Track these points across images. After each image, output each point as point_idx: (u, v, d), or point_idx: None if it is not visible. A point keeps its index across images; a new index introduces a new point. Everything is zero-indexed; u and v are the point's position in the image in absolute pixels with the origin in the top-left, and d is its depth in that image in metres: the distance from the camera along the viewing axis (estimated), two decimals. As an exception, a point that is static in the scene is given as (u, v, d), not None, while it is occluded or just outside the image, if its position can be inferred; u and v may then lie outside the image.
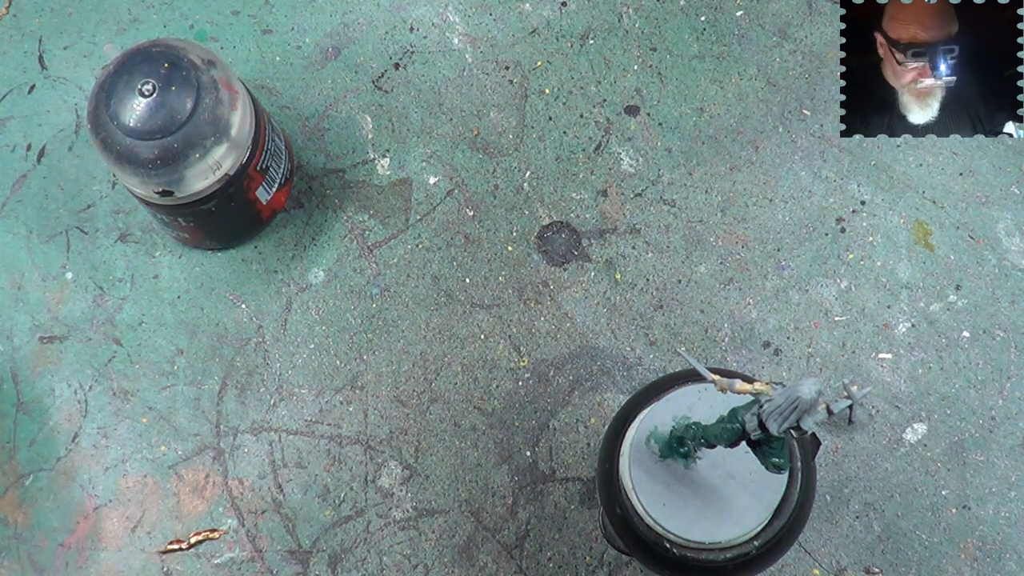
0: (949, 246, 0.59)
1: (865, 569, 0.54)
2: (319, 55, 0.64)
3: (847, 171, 0.61)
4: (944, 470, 0.55)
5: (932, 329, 0.58)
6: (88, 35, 0.65)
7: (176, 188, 0.53)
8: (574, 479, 0.56)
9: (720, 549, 0.28)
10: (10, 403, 0.59)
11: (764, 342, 0.58)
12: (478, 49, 0.64)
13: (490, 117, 0.63)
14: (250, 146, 0.55)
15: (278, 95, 0.64)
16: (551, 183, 0.61)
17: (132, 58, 0.53)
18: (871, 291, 0.59)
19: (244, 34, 0.65)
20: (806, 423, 0.25)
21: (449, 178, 0.62)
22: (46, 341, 0.60)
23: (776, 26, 0.64)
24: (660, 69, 0.63)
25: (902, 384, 0.57)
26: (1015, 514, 0.54)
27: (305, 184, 0.62)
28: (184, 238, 0.60)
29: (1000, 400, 0.56)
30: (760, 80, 0.63)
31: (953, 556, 0.54)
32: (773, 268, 0.59)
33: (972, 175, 0.60)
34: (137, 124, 0.51)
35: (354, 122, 0.63)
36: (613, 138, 0.62)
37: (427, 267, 0.60)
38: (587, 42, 0.64)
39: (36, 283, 0.61)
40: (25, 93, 0.64)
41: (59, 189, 0.63)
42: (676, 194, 0.61)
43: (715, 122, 0.62)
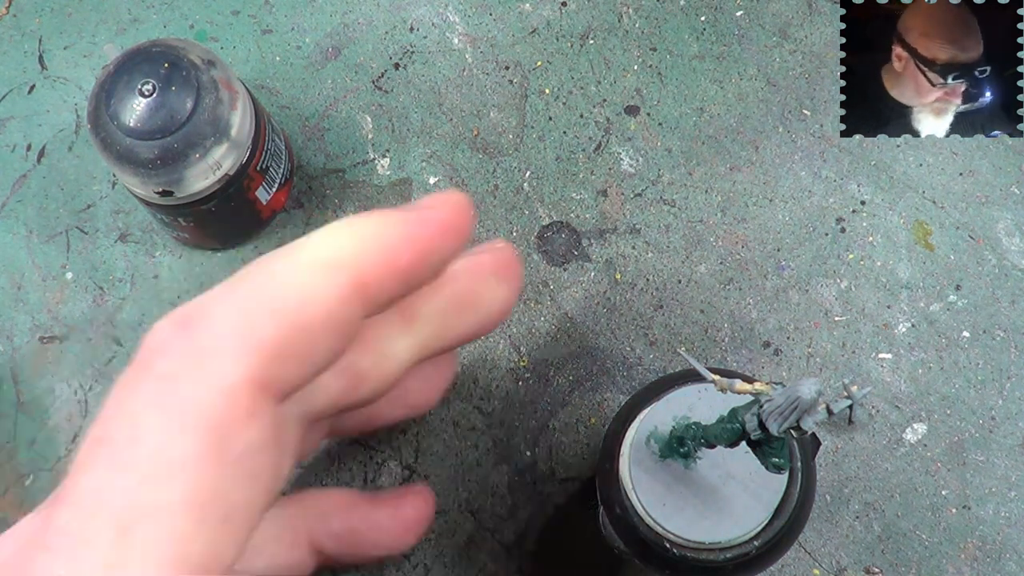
0: (949, 246, 0.59)
1: (865, 569, 0.54)
2: (319, 55, 0.64)
3: (847, 171, 0.61)
4: (944, 470, 0.55)
5: (932, 329, 0.58)
6: (88, 35, 0.65)
7: (176, 188, 0.53)
8: (574, 479, 0.56)
9: (720, 549, 0.28)
10: (10, 403, 0.59)
11: (764, 342, 0.58)
12: (478, 49, 0.64)
13: (490, 117, 0.63)
14: (250, 146, 0.55)
15: (278, 95, 0.64)
16: (551, 183, 0.61)
17: (132, 58, 0.53)
18: (871, 291, 0.59)
19: (244, 34, 0.65)
20: (806, 423, 0.25)
21: (449, 178, 0.62)
22: (46, 341, 0.60)
23: (776, 26, 0.64)
24: (660, 69, 0.63)
25: (902, 384, 0.57)
26: (1015, 514, 0.54)
27: (305, 184, 0.62)
28: (184, 238, 0.60)
29: (1000, 400, 0.56)
30: (760, 80, 0.63)
31: (953, 556, 0.54)
32: (773, 268, 0.59)
33: (972, 175, 0.60)
34: (137, 124, 0.51)
35: (354, 122, 0.63)
36: (613, 138, 0.62)
37: (427, 267, 0.60)
38: (587, 42, 0.64)
39: (36, 283, 0.61)
40: (25, 93, 0.64)
41: (59, 189, 0.62)
42: (676, 194, 0.61)
43: (715, 122, 0.62)
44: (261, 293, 0.24)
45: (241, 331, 0.24)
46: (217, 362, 0.23)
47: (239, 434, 0.23)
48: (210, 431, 0.22)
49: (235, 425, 0.23)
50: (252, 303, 0.24)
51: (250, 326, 0.24)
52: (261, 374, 0.23)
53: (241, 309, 0.24)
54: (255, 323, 0.24)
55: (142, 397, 0.24)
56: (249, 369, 0.23)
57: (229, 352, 0.23)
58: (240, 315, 0.24)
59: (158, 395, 0.23)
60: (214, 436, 0.22)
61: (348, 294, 0.24)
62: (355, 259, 0.24)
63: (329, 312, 0.24)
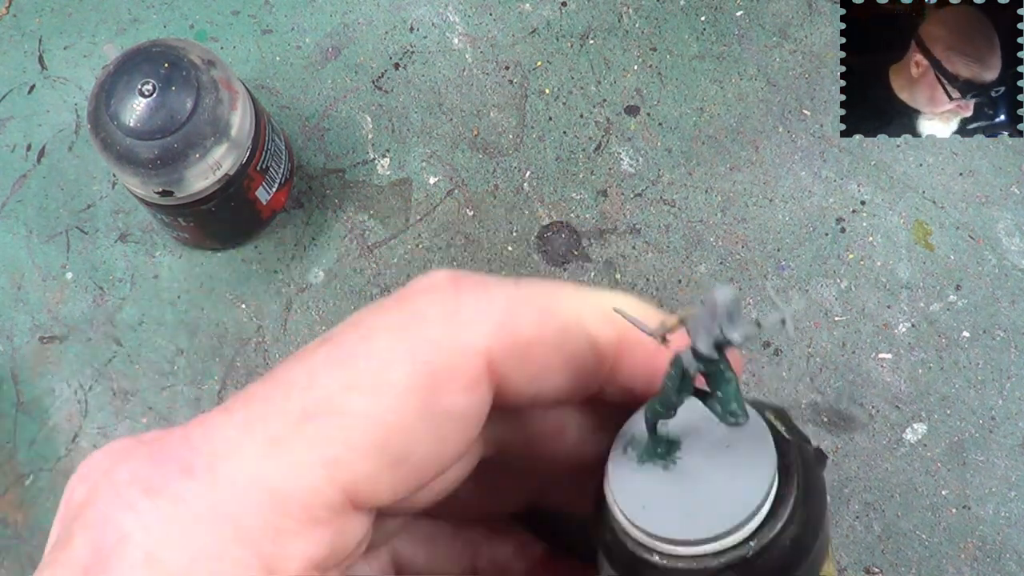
0: (949, 246, 0.59)
1: (865, 569, 0.54)
2: (319, 55, 0.64)
3: (847, 171, 0.61)
4: (944, 470, 0.55)
5: (932, 329, 0.58)
6: (88, 35, 0.65)
7: (176, 188, 0.53)
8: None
9: (714, 555, 0.27)
10: (10, 403, 0.59)
11: (764, 342, 0.58)
12: (478, 49, 0.64)
13: (490, 117, 0.63)
14: (250, 146, 0.55)
15: (278, 95, 0.64)
16: (551, 183, 0.61)
17: (132, 58, 0.53)
18: (871, 291, 0.58)
19: (244, 34, 0.65)
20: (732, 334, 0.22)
21: (449, 178, 0.62)
22: (46, 341, 0.60)
23: (776, 26, 0.64)
24: (660, 69, 0.63)
25: (902, 384, 0.57)
26: (1015, 514, 0.54)
27: (305, 184, 0.62)
28: (184, 238, 0.60)
29: (1000, 400, 0.56)
30: (760, 80, 0.63)
31: (953, 556, 0.54)
32: (773, 268, 0.59)
33: (972, 175, 0.60)
34: (137, 124, 0.51)
35: (354, 122, 0.63)
36: (613, 138, 0.62)
37: (427, 267, 0.60)
38: (587, 42, 0.64)
39: (36, 283, 0.61)
40: (25, 93, 0.64)
41: (59, 189, 0.62)
42: (676, 194, 0.61)
43: (715, 122, 0.62)
44: (540, 297, 0.24)
45: (504, 315, 0.24)
46: (469, 327, 0.23)
47: (451, 395, 0.23)
48: (430, 376, 0.22)
49: (452, 385, 0.23)
50: (526, 298, 0.24)
51: (514, 315, 0.24)
52: (496, 358, 0.23)
53: (512, 297, 0.24)
54: (520, 315, 0.24)
55: (387, 319, 0.24)
56: (490, 350, 0.23)
57: (484, 325, 0.23)
58: (510, 302, 0.24)
59: (403, 324, 0.23)
60: (431, 382, 0.22)
61: (606, 348, 0.25)
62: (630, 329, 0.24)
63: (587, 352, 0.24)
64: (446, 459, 0.24)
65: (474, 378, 0.23)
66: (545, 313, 0.24)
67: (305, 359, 0.23)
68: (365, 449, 0.22)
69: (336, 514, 0.22)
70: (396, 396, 0.22)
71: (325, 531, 0.21)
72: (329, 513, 0.21)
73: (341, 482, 0.21)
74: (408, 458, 0.22)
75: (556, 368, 0.24)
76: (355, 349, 0.23)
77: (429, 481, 0.24)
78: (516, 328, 0.24)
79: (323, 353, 0.23)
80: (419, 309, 0.23)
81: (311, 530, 0.21)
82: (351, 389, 0.22)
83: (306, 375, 0.22)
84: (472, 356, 0.23)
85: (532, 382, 0.24)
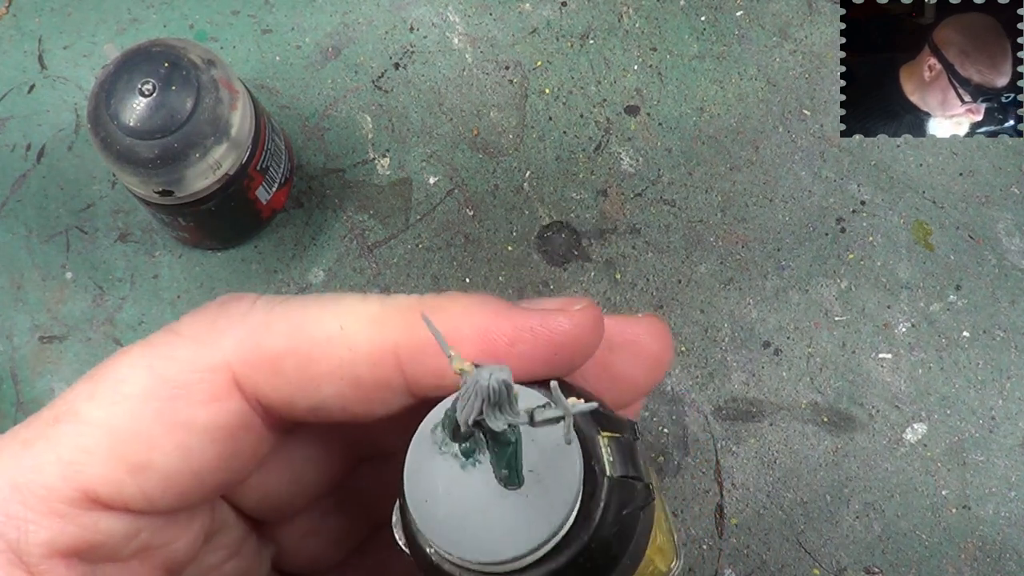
0: (949, 246, 0.59)
1: (865, 569, 0.54)
2: (319, 55, 0.64)
3: (847, 171, 0.61)
4: (944, 470, 0.55)
5: (932, 329, 0.58)
6: (88, 35, 0.65)
7: (176, 188, 0.53)
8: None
9: None
10: (10, 403, 0.59)
11: (764, 342, 0.58)
12: (478, 49, 0.64)
13: (490, 117, 0.63)
14: (250, 146, 0.55)
15: (278, 95, 0.64)
16: (551, 183, 0.61)
17: (132, 58, 0.53)
18: (871, 291, 0.59)
19: (244, 34, 0.65)
20: (492, 420, 0.20)
21: (449, 178, 0.62)
22: (46, 341, 0.60)
23: (776, 26, 0.64)
24: (660, 69, 0.63)
25: (902, 384, 0.57)
26: (1015, 514, 0.54)
27: (305, 184, 0.62)
28: (184, 238, 0.60)
29: (1000, 400, 0.56)
30: (760, 80, 0.63)
31: (953, 556, 0.54)
32: (773, 268, 0.59)
33: (972, 175, 0.60)
34: (137, 124, 0.51)
35: (354, 122, 0.63)
36: (613, 138, 0.62)
37: (427, 267, 0.60)
38: (587, 42, 0.64)
39: (36, 283, 0.61)
40: (25, 93, 0.64)
41: (59, 189, 0.62)
42: (676, 194, 0.61)
43: (715, 122, 0.62)
44: (295, 313, 0.25)
45: (250, 331, 0.25)
46: (214, 344, 0.25)
47: (191, 407, 0.24)
48: (167, 388, 0.24)
49: (191, 398, 0.24)
50: (281, 314, 0.25)
51: (261, 331, 0.25)
52: (243, 373, 0.25)
53: (269, 314, 0.25)
54: (269, 331, 0.25)
55: (147, 339, 0.26)
56: (232, 364, 0.25)
57: (229, 341, 0.25)
58: (264, 318, 0.25)
59: (155, 342, 0.25)
60: (167, 394, 0.24)
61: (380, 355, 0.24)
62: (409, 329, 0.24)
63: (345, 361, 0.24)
64: (203, 469, 0.25)
65: (215, 392, 0.24)
66: (296, 327, 0.25)
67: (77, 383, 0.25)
68: (101, 453, 0.24)
69: (77, 509, 0.23)
70: (131, 407, 0.24)
71: (67, 524, 0.23)
72: (68, 507, 0.23)
73: (77, 481, 0.23)
74: (151, 465, 0.24)
75: (324, 379, 0.25)
76: (106, 365, 0.25)
77: (196, 489, 0.25)
78: (262, 343, 0.25)
79: (88, 371, 0.25)
80: (177, 328, 0.25)
81: (51, 521, 0.23)
82: (91, 399, 0.24)
83: (68, 389, 0.25)
84: (212, 371, 0.24)
85: (298, 394, 0.25)
